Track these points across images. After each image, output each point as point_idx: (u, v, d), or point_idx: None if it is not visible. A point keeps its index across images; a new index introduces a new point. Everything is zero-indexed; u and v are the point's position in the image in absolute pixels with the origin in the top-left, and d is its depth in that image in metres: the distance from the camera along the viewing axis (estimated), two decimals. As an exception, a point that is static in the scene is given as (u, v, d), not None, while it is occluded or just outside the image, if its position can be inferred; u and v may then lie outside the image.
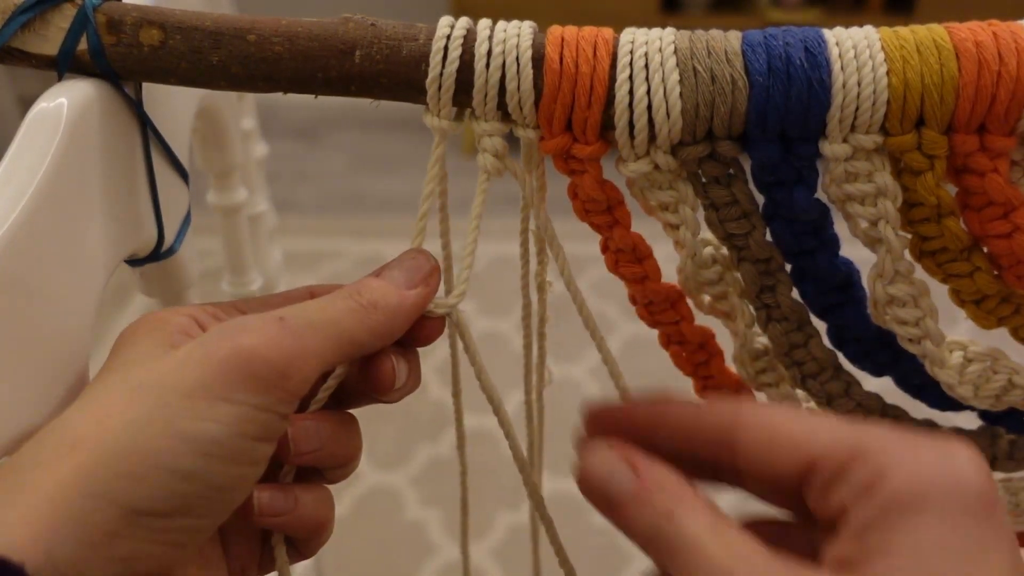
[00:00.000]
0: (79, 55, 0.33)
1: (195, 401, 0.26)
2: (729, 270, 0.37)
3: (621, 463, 0.28)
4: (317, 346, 0.28)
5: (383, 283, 0.31)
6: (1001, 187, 0.33)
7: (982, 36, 0.31)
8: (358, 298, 0.30)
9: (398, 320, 0.31)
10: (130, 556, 0.25)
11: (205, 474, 0.26)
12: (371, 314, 0.30)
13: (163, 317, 0.30)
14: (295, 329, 0.28)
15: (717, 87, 0.32)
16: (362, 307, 0.30)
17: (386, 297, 0.31)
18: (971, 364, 0.37)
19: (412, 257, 0.33)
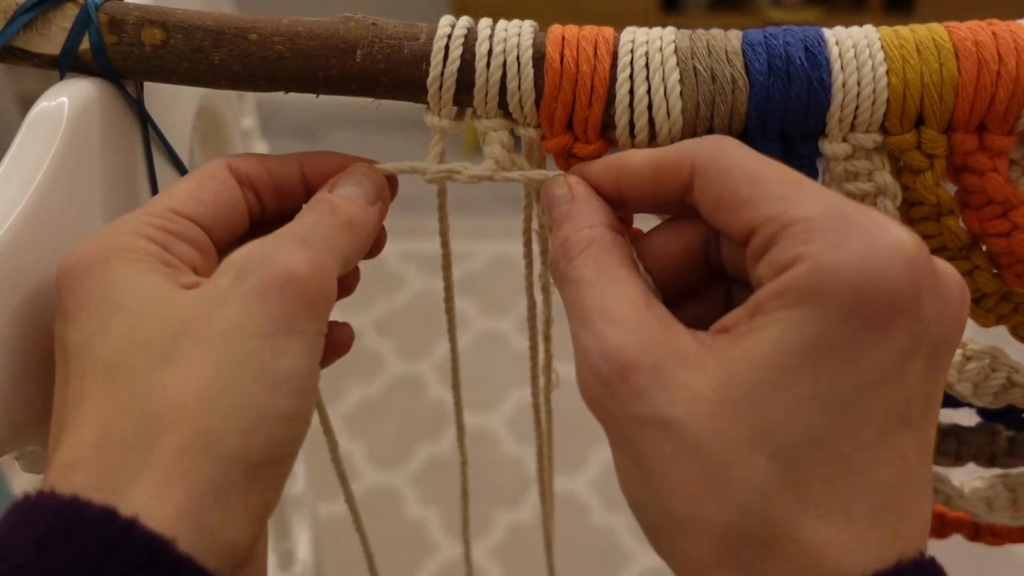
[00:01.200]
0: (81, 54, 0.33)
1: (272, 340, 0.26)
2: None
3: (565, 189, 0.31)
4: (335, 265, 0.29)
5: (349, 201, 0.31)
6: (1000, 186, 0.33)
7: (981, 35, 0.31)
8: (338, 217, 0.30)
9: (369, 235, 0.32)
10: (262, 510, 0.25)
11: (300, 410, 0.26)
12: (353, 232, 0.31)
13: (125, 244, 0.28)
14: (320, 249, 0.28)
15: (717, 86, 0.32)
16: (344, 224, 0.30)
17: (357, 215, 0.31)
18: (970, 362, 0.37)
19: (363, 173, 0.33)
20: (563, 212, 0.30)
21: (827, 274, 0.23)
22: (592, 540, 1.25)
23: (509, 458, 1.35)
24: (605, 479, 1.31)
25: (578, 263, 0.28)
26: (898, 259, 0.23)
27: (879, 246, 0.23)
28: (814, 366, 0.23)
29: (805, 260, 0.24)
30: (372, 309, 1.62)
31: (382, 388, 1.48)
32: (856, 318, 0.23)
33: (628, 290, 0.27)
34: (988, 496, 0.43)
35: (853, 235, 0.24)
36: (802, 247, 0.24)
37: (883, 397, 0.24)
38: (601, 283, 0.27)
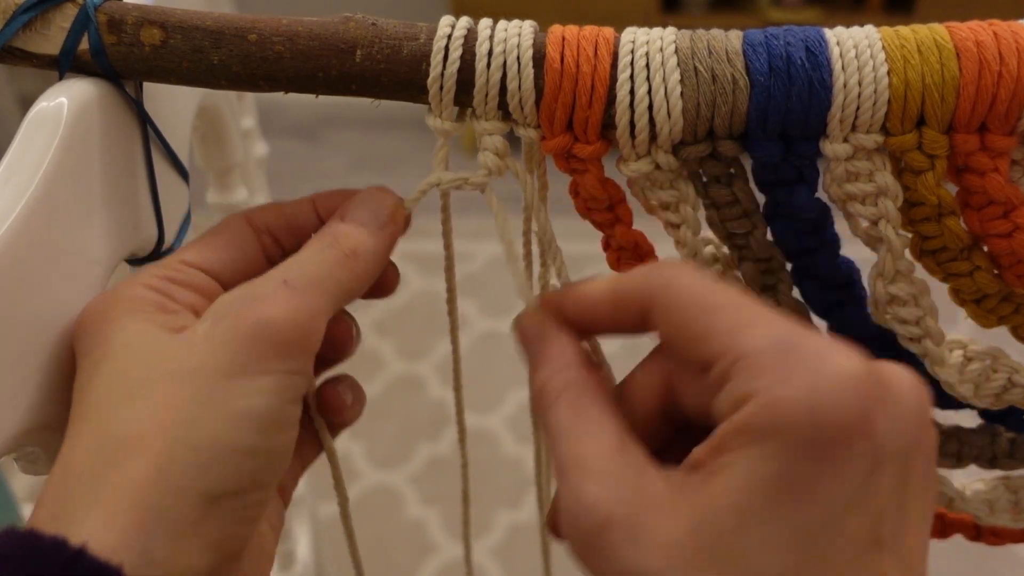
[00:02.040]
0: (80, 54, 0.33)
1: (238, 380, 0.27)
2: (730, 269, 0.37)
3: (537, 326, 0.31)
4: (322, 303, 0.29)
5: (357, 228, 0.32)
6: (1001, 186, 0.33)
7: (983, 36, 0.31)
8: (341, 247, 0.31)
9: (376, 263, 0.32)
10: (219, 540, 0.26)
11: (265, 446, 0.27)
12: (356, 263, 0.31)
13: (127, 296, 0.30)
14: (301, 289, 0.29)
15: (718, 86, 0.32)
16: (346, 256, 0.31)
17: (364, 243, 0.31)
18: (971, 363, 0.37)
19: (375, 196, 0.33)
20: (537, 352, 0.31)
21: (778, 410, 0.24)
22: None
23: (509, 458, 1.35)
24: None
25: (554, 410, 0.29)
26: (844, 387, 0.24)
27: (824, 376, 0.24)
28: (779, 504, 0.24)
29: (757, 397, 0.24)
30: (372, 309, 1.62)
31: (382, 388, 1.48)
32: (812, 451, 0.24)
33: (602, 436, 0.27)
34: (990, 498, 0.43)
35: (799, 368, 0.24)
36: (753, 383, 0.24)
37: (850, 523, 0.24)
38: (576, 432, 0.28)
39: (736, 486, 0.24)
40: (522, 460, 1.35)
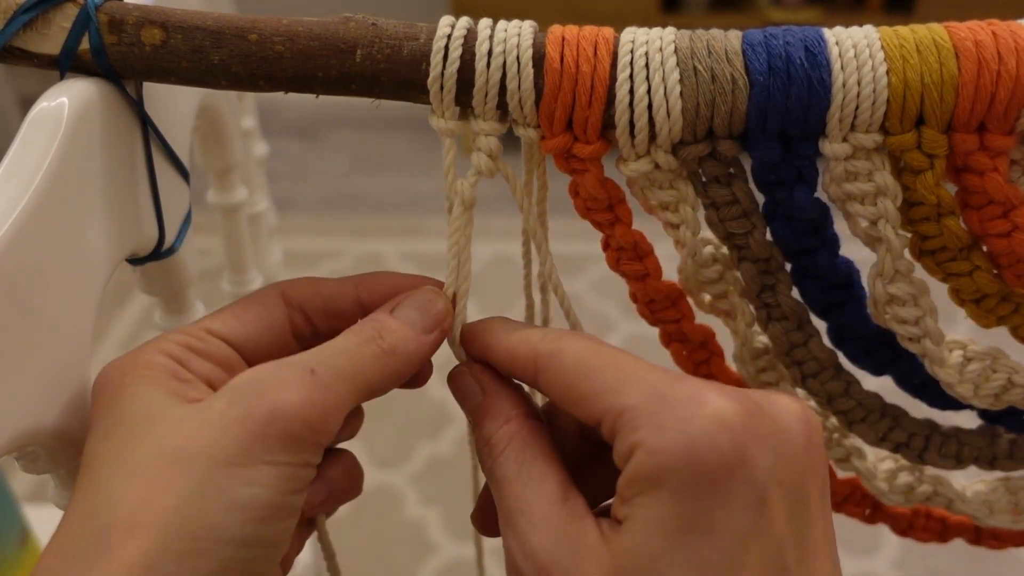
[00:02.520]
0: (80, 54, 0.33)
1: (240, 469, 0.26)
2: (729, 269, 0.37)
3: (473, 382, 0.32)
4: (345, 399, 0.29)
5: (403, 327, 0.31)
6: (1001, 186, 0.33)
7: (982, 35, 0.31)
8: (381, 343, 0.30)
9: (413, 365, 0.32)
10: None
11: (261, 536, 0.27)
12: (391, 360, 0.31)
13: (143, 361, 0.30)
14: (327, 382, 0.28)
15: (718, 86, 0.32)
16: (384, 352, 0.30)
17: (406, 343, 0.31)
18: (971, 363, 0.37)
19: (428, 298, 0.33)
20: (477, 405, 0.32)
21: (658, 457, 0.25)
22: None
23: (509, 458, 1.35)
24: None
25: (500, 462, 0.30)
26: (715, 427, 0.25)
27: (696, 419, 0.25)
28: (679, 544, 0.25)
29: (639, 447, 0.26)
30: (372, 309, 1.62)
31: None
32: (695, 491, 0.25)
33: (545, 485, 0.29)
34: (989, 499, 0.43)
35: (671, 415, 0.26)
36: (634, 435, 0.26)
37: (751, 554, 0.25)
38: (521, 481, 0.29)
39: (640, 531, 0.25)
40: (522, 460, 1.35)
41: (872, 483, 0.43)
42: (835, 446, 0.42)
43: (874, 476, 0.43)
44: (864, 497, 0.46)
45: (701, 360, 0.40)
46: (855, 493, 0.46)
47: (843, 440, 0.42)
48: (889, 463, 0.43)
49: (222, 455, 0.26)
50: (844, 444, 0.42)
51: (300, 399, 0.27)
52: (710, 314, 0.40)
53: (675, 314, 0.39)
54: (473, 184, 0.34)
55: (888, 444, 0.40)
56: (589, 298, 1.65)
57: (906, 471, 0.43)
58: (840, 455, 0.42)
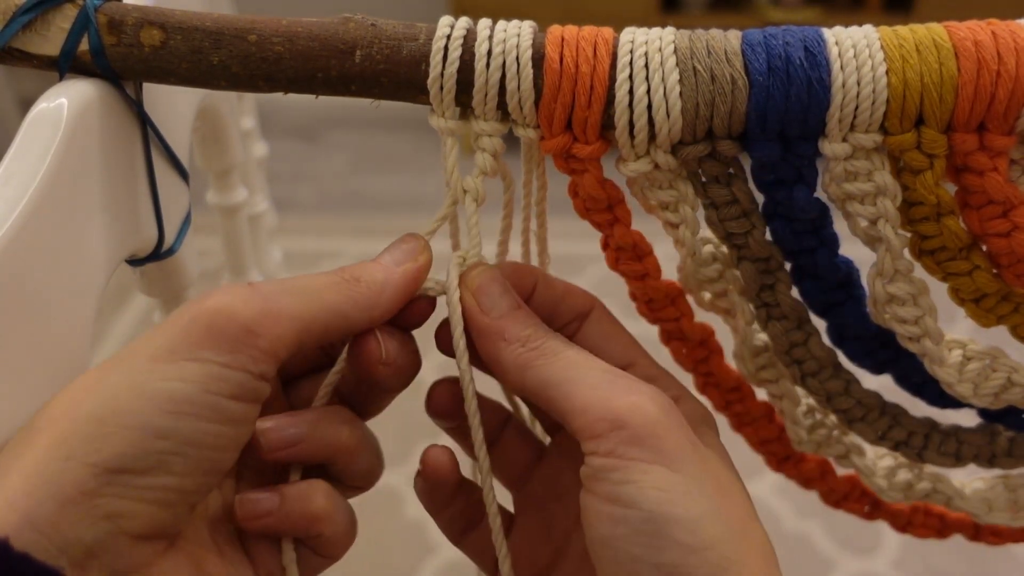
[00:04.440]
0: (80, 55, 0.33)
1: (161, 363, 0.27)
2: (729, 268, 0.37)
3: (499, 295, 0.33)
4: (291, 307, 0.29)
5: (368, 262, 0.32)
6: (1000, 186, 0.33)
7: (981, 35, 0.31)
8: (341, 273, 0.31)
9: (385, 294, 0.31)
10: (114, 513, 0.26)
11: (178, 431, 0.27)
12: (353, 286, 0.31)
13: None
14: (266, 292, 0.29)
15: (717, 86, 0.32)
16: (344, 280, 0.31)
17: (370, 272, 0.31)
18: (970, 362, 0.37)
19: (404, 240, 0.33)
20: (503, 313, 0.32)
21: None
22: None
23: (509, 458, 1.35)
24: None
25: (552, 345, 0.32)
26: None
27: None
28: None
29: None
30: (372, 309, 1.62)
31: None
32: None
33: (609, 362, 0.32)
34: (988, 497, 0.43)
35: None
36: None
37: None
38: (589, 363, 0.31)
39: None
40: (522, 460, 1.35)
41: (871, 480, 0.43)
42: (834, 443, 0.42)
43: (873, 473, 0.43)
44: (863, 494, 0.46)
45: (700, 358, 0.40)
46: (854, 490, 0.46)
47: (842, 438, 0.42)
48: (888, 460, 0.43)
49: (148, 352, 0.27)
50: (843, 441, 0.42)
51: (229, 300, 0.28)
52: (710, 312, 0.40)
53: (674, 312, 0.39)
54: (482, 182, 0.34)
55: (887, 442, 0.40)
56: (589, 298, 1.65)
57: (905, 468, 0.43)
58: (839, 452, 0.42)
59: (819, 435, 0.42)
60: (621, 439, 0.28)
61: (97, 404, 0.26)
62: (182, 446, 0.27)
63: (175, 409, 0.26)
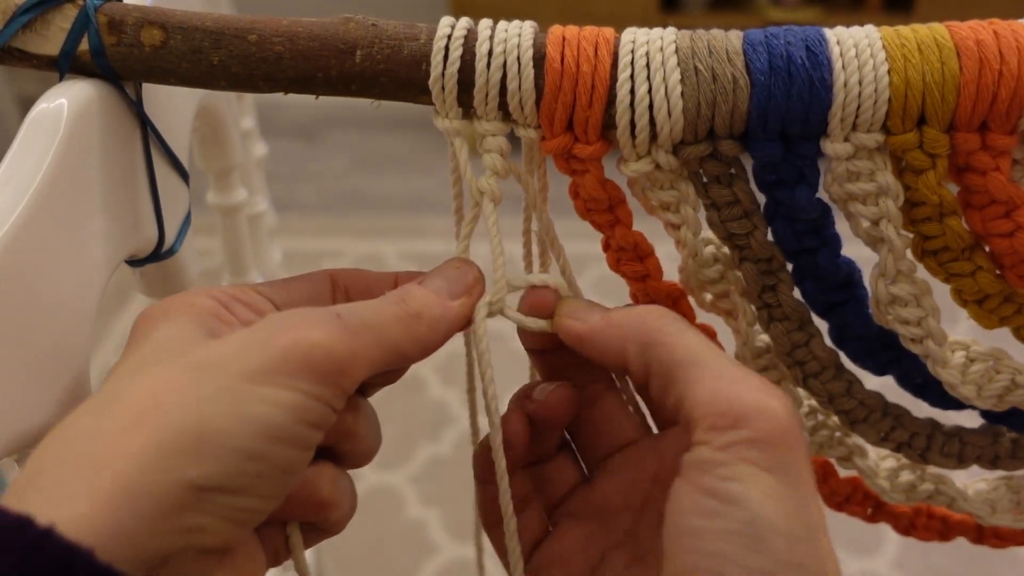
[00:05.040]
0: (80, 55, 0.33)
1: (258, 385, 0.27)
2: (730, 269, 0.37)
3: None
4: (369, 349, 0.29)
5: (428, 293, 0.32)
6: (1003, 185, 0.32)
7: (983, 34, 0.31)
8: (404, 307, 0.31)
9: (440, 331, 0.31)
10: (196, 528, 0.26)
11: (268, 455, 0.27)
12: (416, 324, 0.30)
13: (188, 300, 0.30)
14: (352, 328, 0.29)
15: (718, 86, 0.32)
16: (408, 316, 0.30)
17: (431, 308, 0.31)
18: (974, 364, 0.37)
19: (456, 267, 0.33)
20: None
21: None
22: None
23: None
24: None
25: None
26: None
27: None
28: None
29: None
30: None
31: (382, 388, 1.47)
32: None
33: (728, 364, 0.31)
34: (992, 498, 0.43)
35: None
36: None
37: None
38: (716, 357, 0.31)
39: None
40: (522, 460, 1.35)
41: (874, 482, 0.43)
42: (836, 445, 0.42)
43: (876, 475, 0.43)
44: (866, 496, 0.46)
45: (702, 360, 0.40)
46: (857, 492, 0.46)
47: (845, 439, 0.42)
48: (891, 462, 0.43)
49: (241, 370, 0.27)
50: (846, 443, 0.42)
51: (324, 334, 0.28)
52: (711, 313, 0.39)
53: (676, 315, 0.39)
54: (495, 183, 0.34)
55: (890, 443, 0.40)
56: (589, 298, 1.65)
57: (908, 470, 0.43)
58: (842, 454, 0.42)
59: (821, 436, 0.42)
60: (741, 438, 0.27)
61: (195, 418, 0.26)
62: (270, 470, 0.27)
63: (270, 435, 0.26)
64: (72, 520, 0.23)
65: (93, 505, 0.24)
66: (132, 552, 0.24)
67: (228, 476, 0.26)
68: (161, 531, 0.25)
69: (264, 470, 0.27)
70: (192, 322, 0.29)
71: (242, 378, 0.26)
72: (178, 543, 0.25)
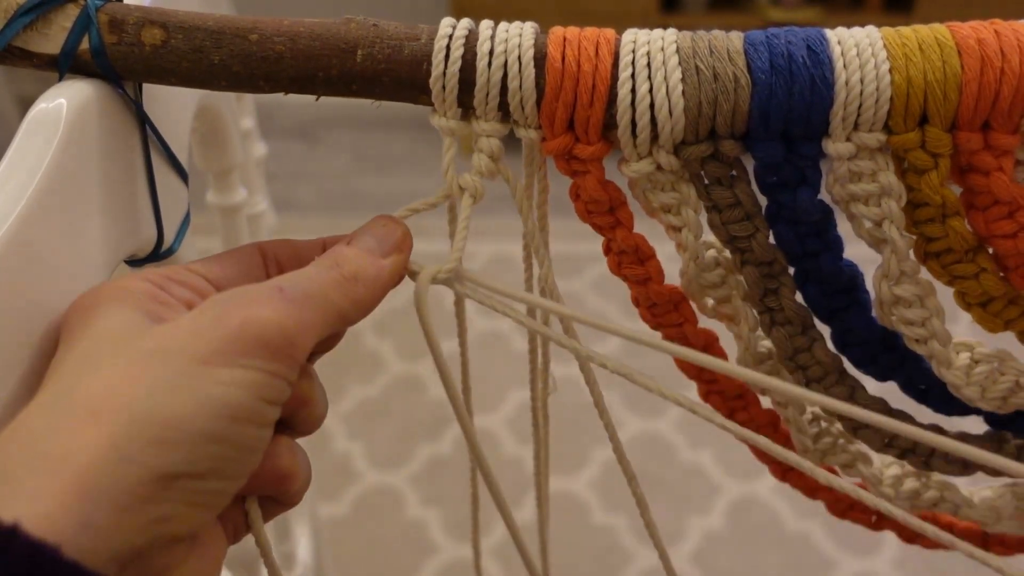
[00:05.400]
0: (80, 54, 0.33)
1: (214, 367, 0.27)
2: (732, 273, 0.37)
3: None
4: (315, 318, 0.29)
5: (360, 253, 0.32)
6: (1006, 186, 0.32)
7: (984, 33, 0.31)
8: (340, 271, 0.31)
9: (377, 291, 0.32)
10: (165, 518, 0.26)
11: (231, 436, 0.27)
12: (354, 287, 0.31)
13: (122, 286, 0.30)
14: (296, 300, 0.29)
15: (720, 85, 0.32)
16: (345, 279, 0.31)
17: (365, 268, 0.32)
18: (978, 365, 0.37)
19: (383, 224, 0.34)
20: None
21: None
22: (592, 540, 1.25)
23: (509, 458, 1.35)
24: (605, 479, 1.31)
25: None
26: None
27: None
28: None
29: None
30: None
31: (382, 388, 1.47)
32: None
33: None
34: (997, 505, 0.42)
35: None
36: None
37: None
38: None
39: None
40: (522, 460, 1.35)
41: (878, 489, 0.42)
42: (840, 452, 0.42)
43: (880, 482, 0.42)
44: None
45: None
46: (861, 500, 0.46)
47: (848, 446, 0.42)
48: (895, 469, 0.43)
49: (196, 354, 0.27)
50: (849, 450, 0.42)
51: (271, 310, 0.28)
52: (713, 319, 0.39)
53: (677, 318, 0.38)
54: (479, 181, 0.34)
55: (894, 450, 0.40)
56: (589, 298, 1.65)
57: (912, 477, 0.43)
58: (846, 461, 0.42)
59: (825, 443, 0.41)
60: None
61: (154, 406, 0.26)
62: (234, 450, 0.27)
63: (232, 415, 0.27)
64: (36, 517, 0.23)
65: (57, 501, 0.24)
66: (100, 547, 0.24)
67: (193, 461, 0.26)
68: (129, 524, 0.25)
69: (228, 451, 0.27)
70: (131, 308, 0.29)
71: (197, 361, 0.27)
72: (147, 535, 0.25)
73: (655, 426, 1.40)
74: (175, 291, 0.30)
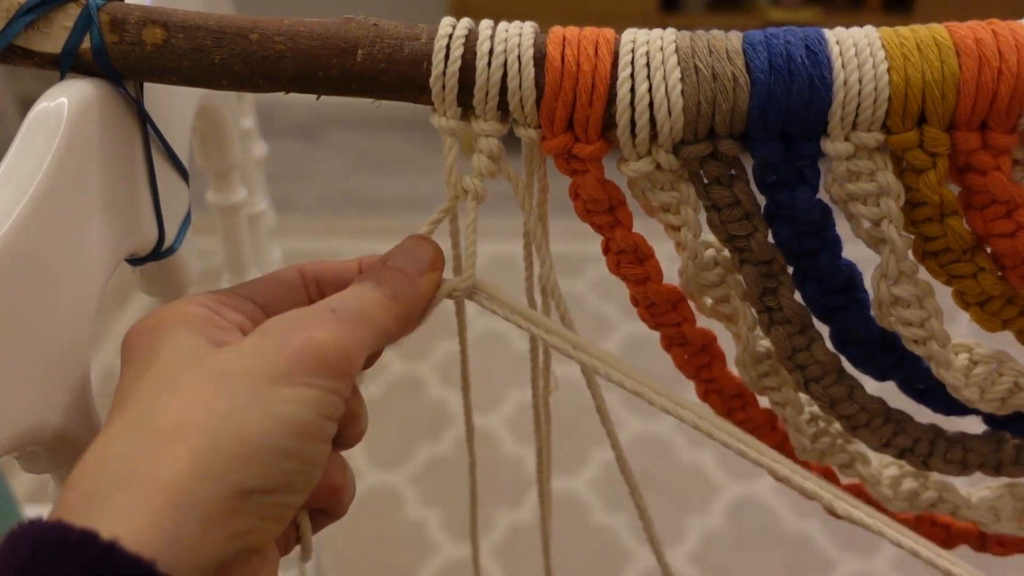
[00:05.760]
0: (81, 53, 0.33)
1: (281, 387, 0.28)
2: (731, 272, 0.37)
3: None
4: (364, 336, 0.31)
5: (397, 273, 0.33)
6: (1004, 185, 0.33)
7: (982, 33, 0.31)
8: (382, 290, 0.32)
9: (417, 308, 0.34)
10: (245, 531, 0.27)
11: (301, 451, 0.28)
12: (396, 305, 0.33)
13: (180, 311, 0.31)
14: (348, 321, 0.31)
15: (719, 84, 0.32)
16: (387, 299, 0.32)
17: (403, 287, 0.33)
18: (977, 366, 0.37)
19: (416, 243, 0.35)
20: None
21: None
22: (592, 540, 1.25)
23: (509, 458, 1.35)
24: (605, 479, 1.31)
25: None
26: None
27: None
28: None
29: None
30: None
31: (382, 388, 1.47)
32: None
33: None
34: (996, 505, 0.42)
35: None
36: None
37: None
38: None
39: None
40: (522, 460, 1.35)
41: (876, 489, 0.42)
42: (838, 452, 0.42)
43: (879, 482, 0.42)
44: (868, 504, 0.46)
45: (702, 364, 0.40)
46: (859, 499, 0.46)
47: (847, 446, 0.42)
48: (893, 469, 0.43)
49: (264, 374, 0.28)
50: (848, 450, 0.42)
51: (328, 331, 0.30)
52: (711, 318, 0.39)
53: (676, 318, 0.38)
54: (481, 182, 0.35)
55: (892, 450, 0.40)
56: (589, 298, 1.65)
57: (911, 477, 0.43)
58: (844, 461, 0.42)
59: (823, 443, 0.42)
60: None
61: (231, 424, 0.27)
62: (303, 465, 0.29)
63: (300, 431, 0.28)
64: (131, 534, 0.24)
65: (148, 518, 0.25)
66: (190, 561, 0.25)
67: (268, 476, 0.27)
68: (214, 537, 0.26)
69: (298, 466, 0.28)
70: (193, 333, 0.30)
71: (265, 381, 0.28)
72: (230, 547, 0.27)
73: (655, 426, 1.40)
74: (228, 315, 0.32)
